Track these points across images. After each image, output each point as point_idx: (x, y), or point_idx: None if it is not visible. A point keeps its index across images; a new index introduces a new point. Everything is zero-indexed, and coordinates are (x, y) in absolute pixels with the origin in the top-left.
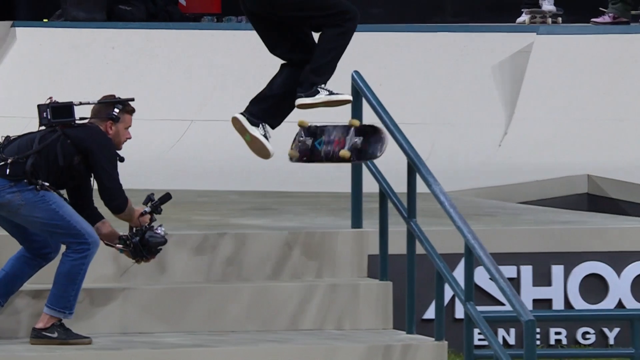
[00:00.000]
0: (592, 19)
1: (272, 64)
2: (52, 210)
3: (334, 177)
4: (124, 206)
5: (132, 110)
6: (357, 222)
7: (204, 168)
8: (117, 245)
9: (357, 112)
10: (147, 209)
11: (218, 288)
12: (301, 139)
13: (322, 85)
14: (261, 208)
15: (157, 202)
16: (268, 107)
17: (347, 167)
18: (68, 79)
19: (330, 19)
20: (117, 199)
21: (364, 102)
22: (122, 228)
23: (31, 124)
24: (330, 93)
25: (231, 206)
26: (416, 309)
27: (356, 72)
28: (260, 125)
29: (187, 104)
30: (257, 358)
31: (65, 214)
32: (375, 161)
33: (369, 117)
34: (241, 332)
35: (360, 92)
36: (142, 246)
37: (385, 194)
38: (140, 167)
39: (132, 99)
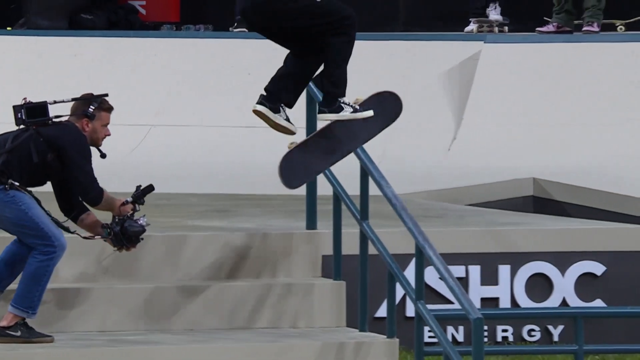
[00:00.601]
0: (537, 28)
1: (231, 72)
2: (21, 210)
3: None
4: (99, 199)
5: (109, 108)
6: (311, 224)
7: (163, 171)
8: (101, 232)
9: (311, 119)
10: (129, 199)
11: (177, 288)
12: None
13: (345, 100)
14: (218, 210)
15: (140, 193)
16: (286, 86)
17: None
18: (31, 85)
19: (334, 26)
20: (91, 192)
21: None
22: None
23: None
24: (355, 110)
25: (189, 209)
26: (368, 307)
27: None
28: (281, 110)
29: (146, 110)
30: (214, 356)
31: (34, 216)
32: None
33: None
34: (199, 330)
35: (314, 97)
36: (122, 235)
37: (338, 197)
38: (101, 171)
39: (106, 95)
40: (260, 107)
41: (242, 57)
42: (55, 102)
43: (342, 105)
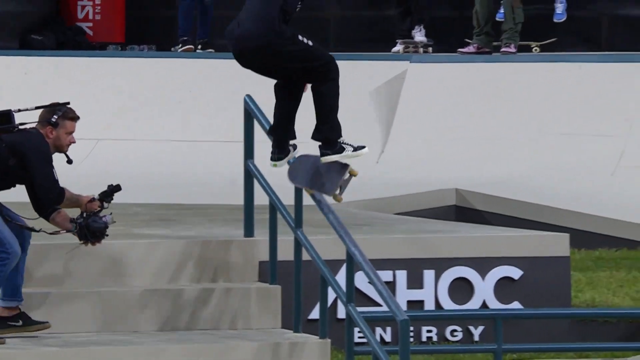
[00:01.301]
0: (459, 49)
1: (173, 90)
2: None
3: (228, 191)
4: (61, 198)
5: (73, 117)
6: (249, 232)
7: (110, 182)
8: (70, 227)
9: (248, 133)
10: (97, 197)
11: (122, 292)
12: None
13: (344, 140)
14: (162, 219)
15: (107, 192)
16: (286, 130)
17: (241, 181)
18: None
19: (320, 70)
20: (51, 193)
21: (256, 123)
22: None
23: None
24: (355, 149)
25: (135, 217)
26: (302, 310)
27: (248, 95)
28: (290, 149)
29: (95, 125)
30: (157, 356)
31: None
32: (267, 176)
33: (260, 136)
34: (144, 332)
35: (252, 113)
36: (87, 230)
37: (274, 206)
38: None
39: (68, 103)
40: (278, 163)
41: (183, 75)
42: (19, 110)
43: (343, 145)
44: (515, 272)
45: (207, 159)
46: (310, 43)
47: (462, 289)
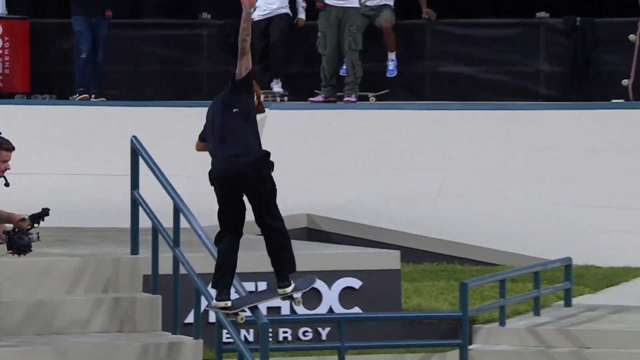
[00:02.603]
0: (310, 98)
1: (72, 132)
2: None
3: (119, 214)
4: None
5: (8, 148)
6: (134, 250)
7: (19, 211)
8: (3, 237)
9: (135, 167)
10: (27, 217)
11: (24, 303)
12: None
13: (291, 275)
14: (61, 240)
15: (37, 214)
16: (230, 277)
17: (128, 207)
18: None
19: (275, 210)
20: None
21: (140, 159)
22: None
23: None
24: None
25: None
26: (179, 315)
27: (134, 136)
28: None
29: None
30: (55, 355)
31: None
32: (150, 203)
33: (144, 170)
34: (47, 333)
35: (137, 151)
36: (12, 244)
37: (156, 229)
38: None
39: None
40: (222, 304)
41: (80, 120)
42: None
43: (292, 281)
44: (355, 283)
45: (100, 190)
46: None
47: (312, 297)
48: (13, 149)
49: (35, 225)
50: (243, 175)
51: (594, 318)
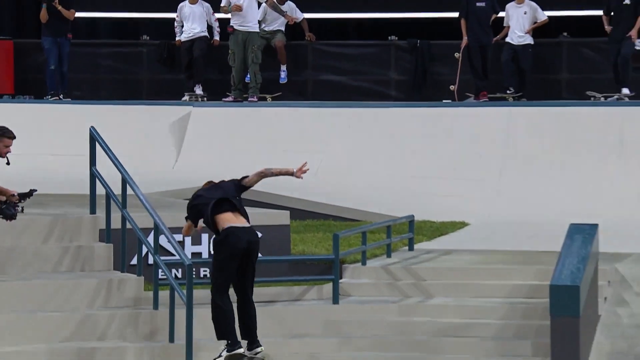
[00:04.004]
0: (223, 99)
1: (49, 127)
2: None
3: (81, 184)
4: None
5: (10, 137)
6: (93, 210)
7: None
8: None
9: (93, 150)
10: (16, 194)
11: (12, 248)
12: None
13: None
14: (38, 203)
15: (25, 193)
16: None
17: (88, 179)
18: None
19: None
20: None
21: (97, 145)
22: None
23: None
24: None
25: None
26: (126, 258)
27: (92, 127)
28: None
29: None
30: (28, 291)
31: None
32: (104, 176)
33: (100, 151)
34: (26, 272)
35: (95, 138)
36: (2, 212)
37: (109, 195)
38: None
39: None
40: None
41: (52, 114)
42: None
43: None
44: (257, 234)
45: (67, 166)
46: None
47: None
48: (14, 137)
49: (22, 201)
50: (253, 249)
51: (429, 258)
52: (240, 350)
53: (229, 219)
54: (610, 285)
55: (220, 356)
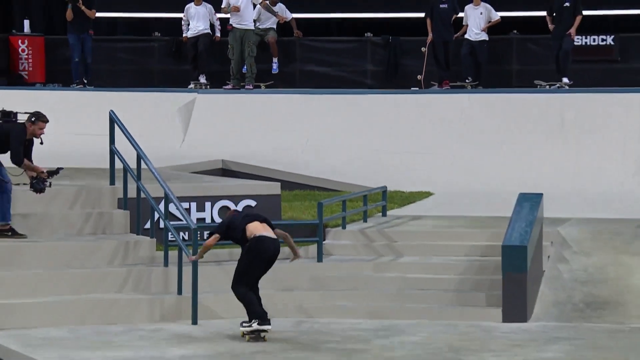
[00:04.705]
0: (223, 86)
1: (76, 106)
2: None
3: (103, 159)
4: (20, 163)
5: (44, 120)
6: (112, 182)
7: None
8: (30, 179)
9: (112, 130)
10: (45, 170)
11: (43, 214)
12: None
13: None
14: (66, 175)
15: (53, 171)
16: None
17: (108, 155)
18: None
19: None
20: (15, 158)
21: (116, 126)
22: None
23: None
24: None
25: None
26: (141, 223)
27: (112, 111)
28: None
29: None
30: (58, 250)
31: None
32: (122, 152)
33: (118, 132)
34: (55, 234)
35: (114, 121)
36: (33, 185)
37: (125, 169)
38: None
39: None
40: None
41: (78, 99)
42: (17, 113)
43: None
44: (252, 202)
45: (90, 144)
46: None
47: (224, 211)
48: (47, 121)
49: (50, 177)
50: (276, 256)
51: (399, 223)
52: (269, 327)
53: (259, 229)
54: (552, 246)
55: (250, 325)
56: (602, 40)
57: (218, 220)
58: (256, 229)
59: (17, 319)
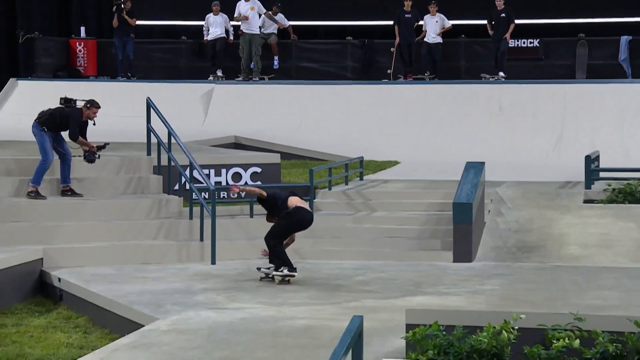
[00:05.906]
0: (235, 78)
1: (126, 96)
2: (42, 140)
3: (141, 135)
4: (75, 140)
5: (98, 106)
6: (149, 153)
7: (106, 139)
8: (84, 153)
9: (148, 113)
10: (95, 145)
11: (93, 179)
12: None
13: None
14: (112, 148)
15: (102, 145)
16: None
17: (145, 132)
18: None
19: None
20: (71, 136)
21: (152, 111)
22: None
23: None
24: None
25: (104, 149)
26: (171, 185)
27: (148, 97)
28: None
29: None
30: (103, 207)
31: (43, 142)
32: (157, 130)
33: (154, 115)
34: (100, 193)
35: (151, 106)
36: (86, 158)
37: (159, 142)
38: None
39: (94, 101)
40: (295, 274)
41: (123, 89)
42: (76, 100)
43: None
44: (258, 169)
45: (132, 123)
46: None
47: (236, 176)
48: (100, 107)
49: (99, 151)
50: (310, 223)
51: (373, 185)
52: (296, 274)
53: (301, 202)
54: (492, 203)
55: (282, 271)
56: (530, 42)
57: (231, 182)
58: (299, 201)
59: (75, 259)
